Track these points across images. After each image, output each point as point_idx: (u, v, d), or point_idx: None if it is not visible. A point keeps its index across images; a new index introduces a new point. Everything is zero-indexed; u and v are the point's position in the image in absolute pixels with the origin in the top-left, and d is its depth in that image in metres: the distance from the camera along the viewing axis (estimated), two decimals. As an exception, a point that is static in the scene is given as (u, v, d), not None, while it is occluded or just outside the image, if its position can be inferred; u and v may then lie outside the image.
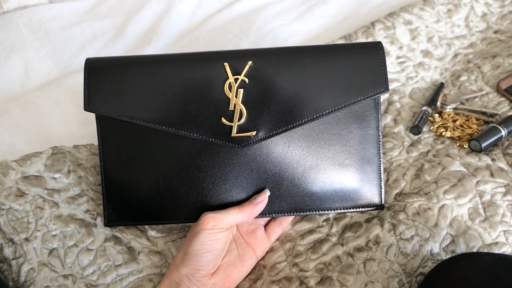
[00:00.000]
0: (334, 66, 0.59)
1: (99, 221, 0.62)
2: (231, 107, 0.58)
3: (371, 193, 0.61)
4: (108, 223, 0.61)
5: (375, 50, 0.61)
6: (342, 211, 0.61)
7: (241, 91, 0.58)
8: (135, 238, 0.62)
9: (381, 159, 0.61)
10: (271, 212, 0.60)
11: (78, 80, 0.84)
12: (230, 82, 0.58)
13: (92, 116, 0.76)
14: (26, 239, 0.58)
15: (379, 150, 0.61)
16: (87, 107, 0.59)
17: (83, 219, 0.61)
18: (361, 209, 0.61)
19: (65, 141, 0.73)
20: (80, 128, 0.77)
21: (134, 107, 0.59)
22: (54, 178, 0.64)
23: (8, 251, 0.57)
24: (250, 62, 0.59)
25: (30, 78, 0.89)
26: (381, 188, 0.61)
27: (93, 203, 0.64)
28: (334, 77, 0.59)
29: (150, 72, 0.59)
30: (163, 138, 0.59)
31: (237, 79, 0.58)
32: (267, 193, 0.59)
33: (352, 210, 0.61)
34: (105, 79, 0.60)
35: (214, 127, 0.58)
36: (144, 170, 0.60)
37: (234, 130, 0.58)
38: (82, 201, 0.63)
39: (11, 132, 0.77)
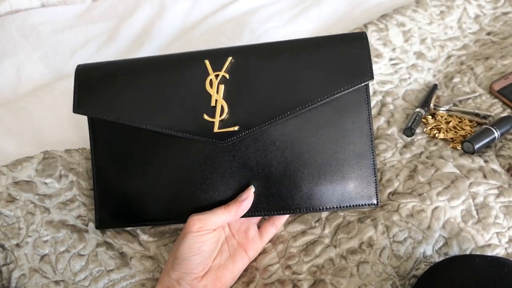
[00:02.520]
0: (316, 58, 0.59)
1: (91, 226, 0.62)
2: (213, 103, 0.58)
3: (365, 189, 0.59)
4: (99, 225, 0.61)
5: (359, 40, 0.60)
6: (335, 207, 0.59)
7: (222, 86, 0.59)
8: (127, 243, 0.62)
9: (373, 153, 0.59)
10: (260, 211, 0.59)
11: (70, 85, 0.83)
12: (211, 79, 0.59)
13: (84, 120, 0.75)
14: (17, 245, 0.57)
15: (371, 143, 0.59)
16: (76, 109, 0.61)
17: (75, 224, 0.61)
18: (354, 206, 0.59)
19: (57, 145, 0.73)
20: (73, 133, 0.77)
21: (120, 108, 0.60)
22: (46, 183, 0.63)
23: (-2, 257, 0.57)
24: (230, 58, 0.59)
25: (21, 82, 0.88)
26: (375, 184, 0.59)
27: (85, 209, 0.63)
28: (317, 68, 0.58)
29: (136, 74, 0.61)
30: (152, 139, 0.60)
31: (218, 75, 0.59)
32: (251, 189, 0.58)
33: (345, 207, 0.59)
34: (94, 83, 0.62)
35: (197, 124, 0.58)
36: (134, 171, 0.60)
37: (216, 126, 0.58)
38: (74, 206, 0.63)
39: (3, 137, 0.76)
